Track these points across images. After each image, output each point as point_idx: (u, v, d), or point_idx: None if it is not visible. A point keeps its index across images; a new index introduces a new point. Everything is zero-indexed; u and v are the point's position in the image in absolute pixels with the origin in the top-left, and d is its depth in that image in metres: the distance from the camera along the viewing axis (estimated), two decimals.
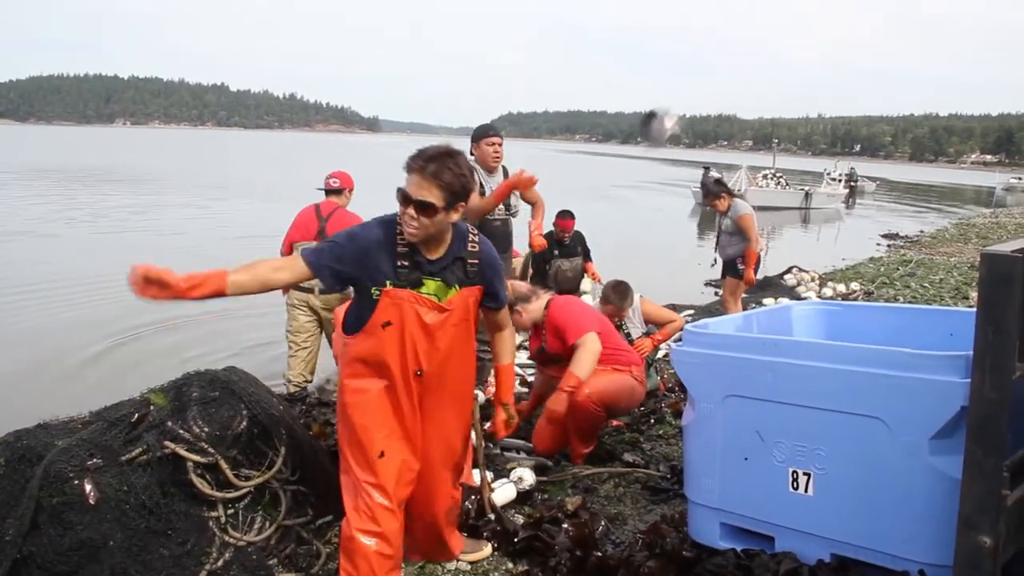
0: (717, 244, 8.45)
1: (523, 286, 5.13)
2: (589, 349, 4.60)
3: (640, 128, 7.27)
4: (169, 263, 2.72)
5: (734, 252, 8.00)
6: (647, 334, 5.95)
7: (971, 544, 2.42)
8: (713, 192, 8.22)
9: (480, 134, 5.68)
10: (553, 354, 4.89)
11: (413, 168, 2.87)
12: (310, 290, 6.01)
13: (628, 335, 5.92)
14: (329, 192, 6.29)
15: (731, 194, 8.15)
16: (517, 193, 5.55)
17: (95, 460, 3.17)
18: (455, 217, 2.96)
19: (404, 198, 2.88)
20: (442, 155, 2.89)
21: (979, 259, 2.42)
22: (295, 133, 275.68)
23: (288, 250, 6.06)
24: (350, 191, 6.38)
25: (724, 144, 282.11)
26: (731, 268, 8.10)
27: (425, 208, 2.84)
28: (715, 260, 8.58)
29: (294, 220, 6.22)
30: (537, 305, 4.95)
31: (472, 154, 5.59)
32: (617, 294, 6.00)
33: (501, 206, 5.55)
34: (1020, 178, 74.45)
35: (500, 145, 5.62)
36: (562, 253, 8.52)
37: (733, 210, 7.97)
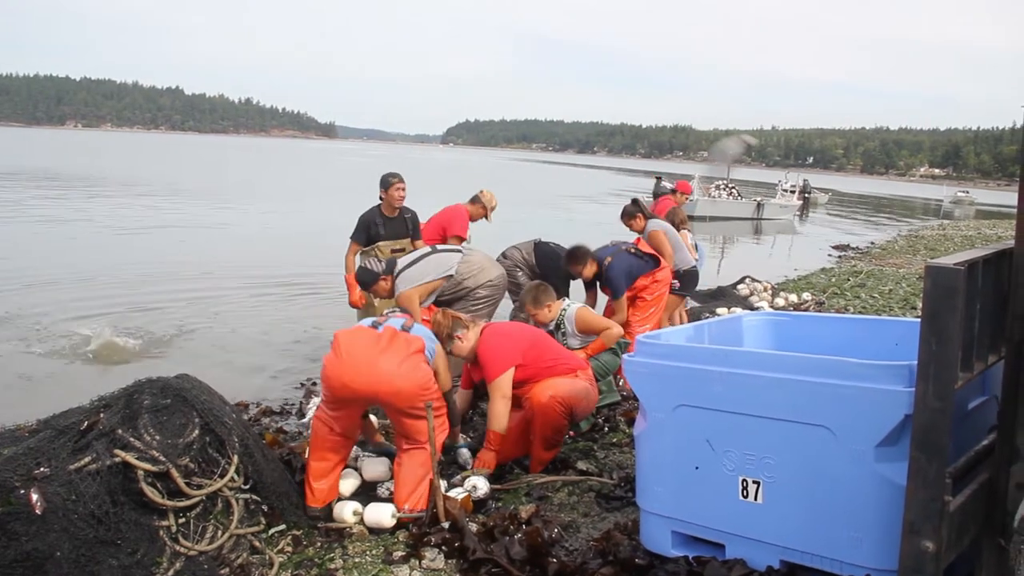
0: None
1: (461, 315, 5.03)
2: (497, 397, 4.59)
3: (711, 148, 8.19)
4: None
5: None
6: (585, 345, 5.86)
7: (915, 549, 2.47)
8: (628, 212, 8.09)
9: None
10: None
11: None
12: None
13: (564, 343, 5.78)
14: None
15: (646, 216, 8.08)
16: None
17: (42, 469, 3.12)
18: None
19: None
20: None
21: (924, 271, 2.48)
22: (250, 138, 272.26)
23: None
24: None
25: (679, 155, 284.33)
26: None
27: None
28: None
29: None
30: (474, 334, 4.84)
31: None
32: (528, 295, 5.80)
33: None
34: (967, 191, 76.27)
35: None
36: None
37: (647, 230, 7.94)
